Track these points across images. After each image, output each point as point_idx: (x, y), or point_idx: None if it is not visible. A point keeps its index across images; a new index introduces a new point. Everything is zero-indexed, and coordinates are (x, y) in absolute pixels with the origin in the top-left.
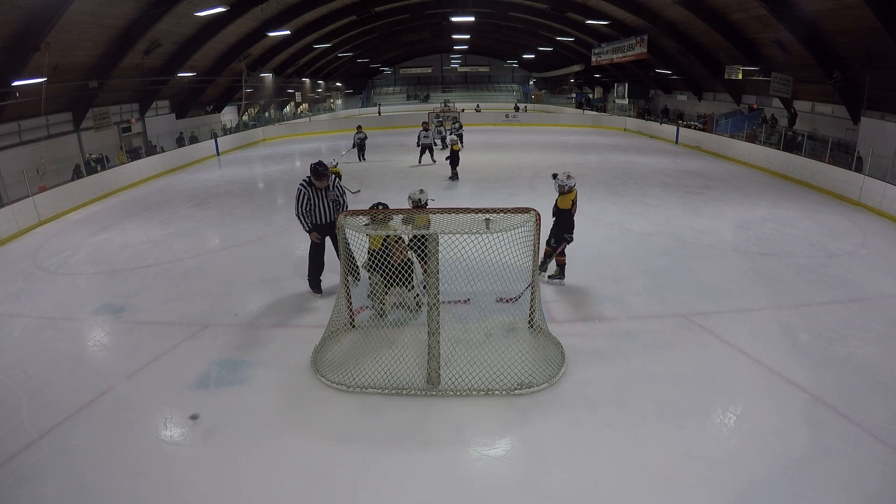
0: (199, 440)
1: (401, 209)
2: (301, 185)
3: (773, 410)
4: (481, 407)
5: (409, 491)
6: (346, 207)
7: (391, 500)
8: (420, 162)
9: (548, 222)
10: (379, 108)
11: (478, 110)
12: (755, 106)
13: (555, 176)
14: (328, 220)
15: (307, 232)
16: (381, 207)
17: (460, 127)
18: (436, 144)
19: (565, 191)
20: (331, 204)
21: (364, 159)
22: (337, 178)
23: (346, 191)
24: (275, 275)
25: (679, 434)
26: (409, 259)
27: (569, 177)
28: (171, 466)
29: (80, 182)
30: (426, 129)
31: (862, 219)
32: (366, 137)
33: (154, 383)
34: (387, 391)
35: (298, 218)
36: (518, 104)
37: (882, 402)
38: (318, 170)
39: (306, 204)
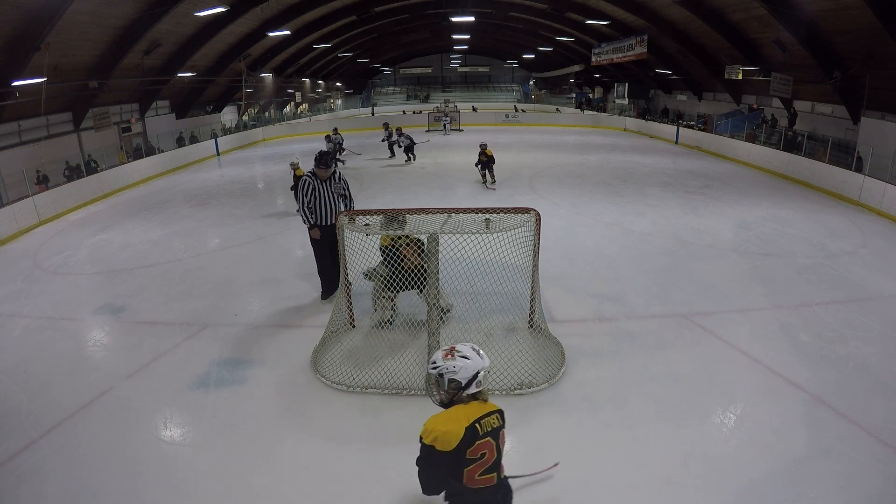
0: (199, 440)
1: (411, 209)
2: (307, 175)
3: (773, 410)
4: None
5: (409, 491)
6: (352, 205)
7: (391, 500)
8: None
9: (547, 223)
10: (373, 109)
11: (474, 110)
12: (755, 106)
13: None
14: (330, 222)
15: (308, 228)
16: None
17: (405, 137)
18: (399, 146)
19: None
20: (334, 199)
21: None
22: (341, 171)
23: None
24: (275, 275)
25: (679, 434)
26: (422, 266)
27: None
28: (171, 466)
29: (80, 182)
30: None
31: (862, 219)
32: (391, 136)
33: (154, 383)
34: (387, 391)
35: (303, 212)
36: (516, 105)
37: (882, 402)
38: (322, 155)
39: (310, 195)
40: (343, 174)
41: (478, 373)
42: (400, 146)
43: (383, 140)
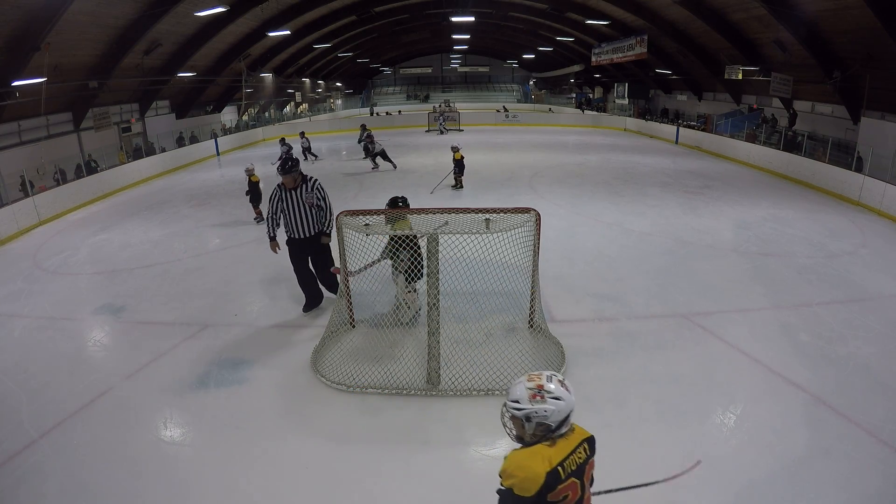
0: (199, 440)
1: (411, 209)
2: (277, 185)
3: (773, 410)
4: (481, 407)
5: (408, 491)
6: (330, 218)
7: (391, 500)
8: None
9: (547, 223)
10: (371, 109)
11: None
12: (755, 106)
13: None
14: (304, 234)
15: (269, 238)
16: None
17: (377, 143)
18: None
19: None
20: (308, 210)
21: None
22: (317, 180)
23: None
24: (275, 275)
25: (679, 434)
26: (419, 250)
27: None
28: (171, 466)
29: (80, 182)
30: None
31: (862, 219)
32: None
33: (154, 383)
34: (387, 391)
35: (267, 222)
36: (504, 106)
37: (882, 402)
38: (283, 161)
39: (276, 206)
40: (320, 184)
41: (570, 413)
42: (370, 151)
43: (359, 141)
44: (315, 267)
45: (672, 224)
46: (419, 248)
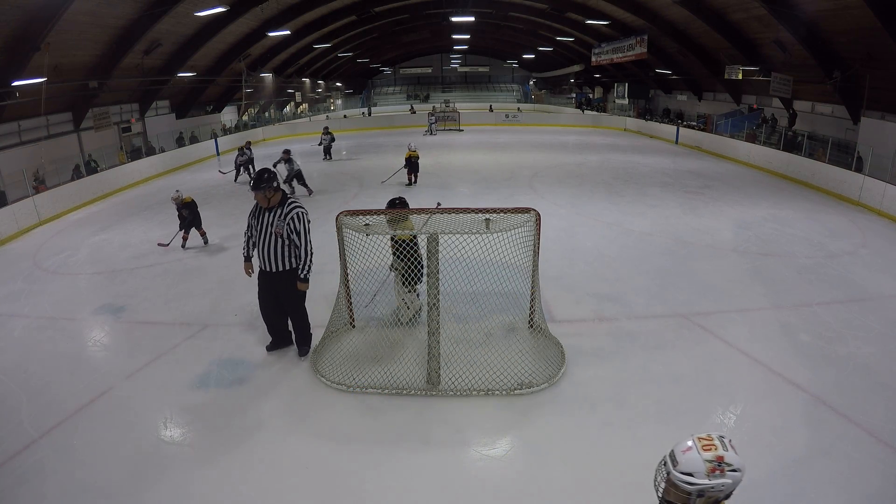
0: (199, 440)
1: (411, 209)
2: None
3: (773, 410)
4: (481, 407)
5: (408, 491)
6: (307, 259)
7: (391, 501)
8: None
9: (547, 223)
10: (369, 109)
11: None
12: (755, 106)
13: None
14: (269, 268)
15: (244, 258)
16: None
17: (292, 162)
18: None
19: None
20: (274, 239)
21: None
22: (297, 208)
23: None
24: None
25: (679, 434)
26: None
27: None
28: (171, 466)
29: (80, 182)
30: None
31: (862, 219)
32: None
33: (154, 383)
34: (387, 391)
35: (244, 240)
36: (492, 106)
37: (882, 402)
38: (258, 174)
39: (248, 224)
40: (299, 213)
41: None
42: (284, 173)
43: (319, 144)
44: (286, 308)
45: (672, 224)
46: (419, 254)
